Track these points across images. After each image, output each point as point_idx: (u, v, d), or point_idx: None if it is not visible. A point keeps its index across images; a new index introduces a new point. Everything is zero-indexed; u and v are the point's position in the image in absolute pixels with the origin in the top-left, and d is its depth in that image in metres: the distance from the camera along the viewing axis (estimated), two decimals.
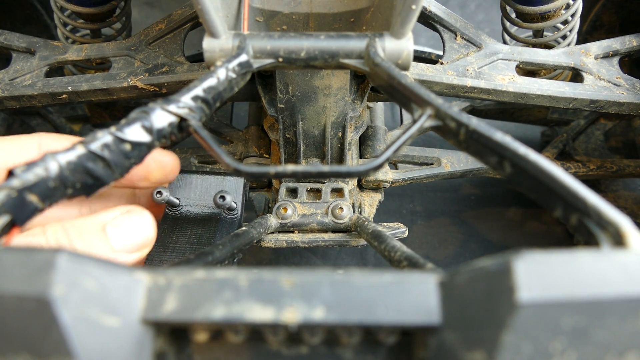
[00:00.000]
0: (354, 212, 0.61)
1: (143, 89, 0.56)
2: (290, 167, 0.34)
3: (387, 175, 0.66)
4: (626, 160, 0.74)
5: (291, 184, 0.62)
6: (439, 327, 0.25)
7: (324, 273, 0.26)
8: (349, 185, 0.63)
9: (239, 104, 0.94)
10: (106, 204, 0.46)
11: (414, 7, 0.39)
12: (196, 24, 0.58)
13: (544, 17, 0.60)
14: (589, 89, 0.57)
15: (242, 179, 0.54)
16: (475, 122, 0.34)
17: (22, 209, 0.29)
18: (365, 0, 0.46)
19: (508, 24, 0.65)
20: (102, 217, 0.37)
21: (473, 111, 0.79)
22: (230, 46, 0.41)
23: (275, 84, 0.52)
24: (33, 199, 0.30)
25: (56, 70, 0.61)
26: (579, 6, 0.60)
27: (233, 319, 0.25)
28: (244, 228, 0.51)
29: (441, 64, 0.57)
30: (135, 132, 0.34)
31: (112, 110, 0.81)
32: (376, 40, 0.41)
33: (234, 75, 0.40)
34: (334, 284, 0.26)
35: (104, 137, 0.33)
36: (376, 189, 0.67)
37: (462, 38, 0.58)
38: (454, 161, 0.69)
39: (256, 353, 0.28)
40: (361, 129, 0.62)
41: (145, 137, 0.34)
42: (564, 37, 0.62)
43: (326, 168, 0.35)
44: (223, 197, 0.49)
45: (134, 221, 0.38)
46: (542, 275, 0.23)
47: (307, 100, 0.53)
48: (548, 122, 0.81)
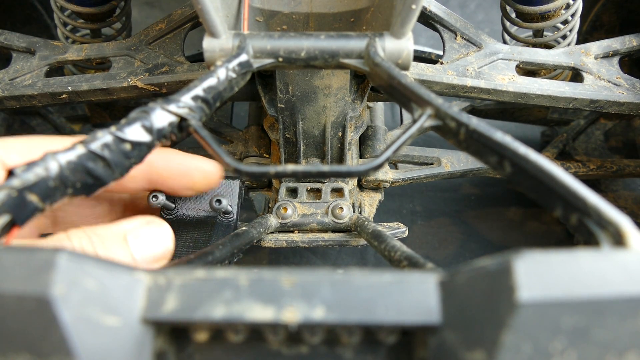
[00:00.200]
0: (354, 212, 0.61)
1: (143, 89, 0.56)
2: (290, 167, 0.34)
3: (387, 175, 0.66)
4: (626, 160, 0.74)
5: (291, 184, 0.62)
6: (439, 326, 0.25)
7: (324, 273, 0.26)
8: (349, 185, 0.63)
9: (239, 104, 0.94)
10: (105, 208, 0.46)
11: (414, 7, 0.39)
12: (196, 23, 0.58)
13: (544, 17, 0.60)
14: (589, 89, 0.57)
15: (238, 182, 0.54)
16: (475, 122, 0.34)
17: (22, 208, 0.29)
18: (365, 0, 0.46)
19: (508, 23, 0.65)
20: (123, 226, 0.37)
21: (473, 111, 0.79)
22: (230, 46, 0.41)
23: (275, 84, 0.52)
24: (33, 198, 0.30)
25: (56, 70, 0.61)
26: (579, 6, 0.60)
27: (233, 319, 0.25)
28: (244, 228, 0.51)
29: (441, 63, 0.57)
30: (135, 132, 0.34)
31: (112, 110, 0.81)
32: (376, 40, 0.41)
33: (234, 75, 0.40)
34: (334, 283, 0.26)
35: (104, 137, 0.33)
36: (376, 188, 0.67)
37: (462, 38, 0.58)
38: (454, 161, 0.69)
39: (256, 353, 0.28)
40: (361, 128, 0.62)
41: (145, 137, 0.34)
42: (564, 37, 0.62)
43: (326, 168, 0.35)
44: (219, 201, 0.49)
45: (155, 232, 0.38)
46: (542, 275, 0.23)
47: (307, 100, 0.53)
48: (548, 122, 0.81)
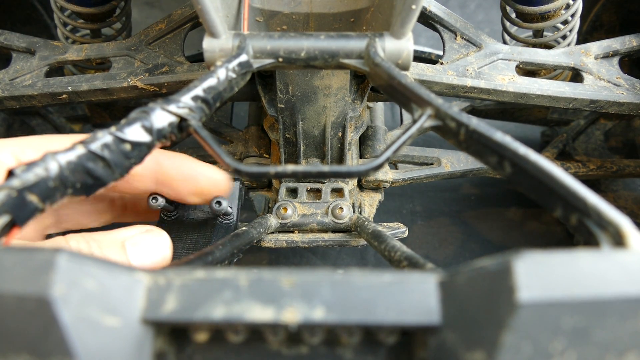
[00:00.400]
0: (354, 212, 0.61)
1: (143, 89, 0.56)
2: (290, 167, 0.34)
3: (387, 175, 0.66)
4: (626, 160, 0.74)
5: (291, 184, 0.62)
6: (439, 327, 0.25)
7: (324, 273, 0.26)
8: (349, 185, 0.63)
9: (239, 104, 0.94)
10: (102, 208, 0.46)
11: (414, 7, 0.39)
12: (196, 24, 0.58)
13: (544, 17, 0.60)
14: (589, 89, 0.57)
15: (238, 183, 0.54)
16: (475, 122, 0.34)
17: (22, 209, 0.29)
18: (365, 0, 0.46)
19: (508, 24, 0.65)
20: (122, 233, 0.38)
21: (473, 111, 0.79)
22: (230, 46, 0.41)
23: (275, 84, 0.52)
24: (33, 199, 0.30)
25: (56, 70, 0.61)
26: (579, 6, 0.60)
27: (233, 319, 0.25)
28: (244, 228, 0.51)
29: (441, 64, 0.57)
30: (135, 132, 0.34)
31: (112, 110, 0.81)
32: (376, 40, 0.41)
33: (234, 75, 0.40)
34: (334, 284, 0.26)
35: (104, 137, 0.33)
36: (376, 189, 0.67)
37: (462, 38, 0.58)
38: (454, 161, 0.69)
39: (256, 353, 0.28)
40: (361, 129, 0.62)
41: (145, 137, 0.34)
42: (564, 37, 0.62)
43: (326, 168, 0.35)
44: (219, 203, 0.49)
45: (153, 241, 0.38)
46: (542, 275, 0.23)
47: (307, 100, 0.53)
48: (548, 122, 0.81)
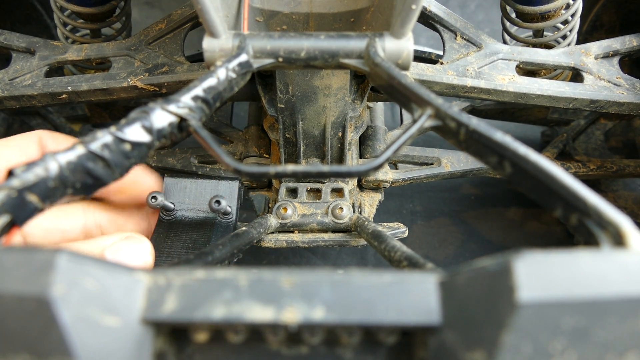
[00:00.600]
0: (354, 212, 0.61)
1: (143, 89, 0.56)
2: (290, 167, 0.34)
3: (387, 175, 0.66)
4: (626, 160, 0.74)
5: (291, 184, 0.62)
6: (439, 327, 0.25)
7: (324, 273, 0.26)
8: (349, 185, 0.63)
9: (239, 104, 0.94)
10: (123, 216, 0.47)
11: (414, 7, 0.39)
12: (196, 24, 0.58)
13: (544, 17, 0.60)
14: (589, 89, 0.57)
15: (237, 182, 0.54)
16: (475, 122, 0.34)
17: (22, 209, 0.29)
18: (365, 0, 0.46)
19: (508, 24, 0.65)
20: (102, 241, 0.38)
21: (473, 111, 0.79)
22: (230, 46, 0.41)
23: (275, 84, 0.52)
24: (33, 199, 0.30)
25: (56, 70, 0.61)
26: (579, 6, 0.60)
27: (233, 319, 0.25)
28: (244, 228, 0.51)
29: (441, 64, 0.57)
30: (135, 132, 0.34)
31: (112, 110, 0.81)
32: (376, 40, 0.41)
33: (234, 75, 0.40)
34: (334, 284, 0.26)
35: (104, 137, 0.33)
36: (376, 189, 0.67)
37: (462, 38, 0.58)
38: (454, 161, 0.69)
39: (256, 353, 0.28)
40: (361, 129, 0.62)
41: (145, 137, 0.34)
42: (564, 37, 0.62)
43: (326, 168, 0.35)
44: (218, 202, 0.49)
45: (132, 248, 0.39)
46: (542, 275, 0.23)
47: (307, 100, 0.53)
48: (548, 122, 0.81)
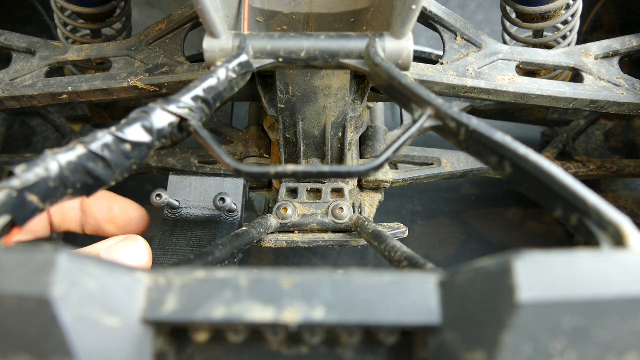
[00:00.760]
0: (354, 212, 0.61)
1: (143, 89, 0.56)
2: (290, 167, 0.34)
3: (387, 175, 0.66)
4: (626, 160, 0.74)
5: (291, 184, 0.62)
6: (439, 327, 0.25)
7: (324, 273, 0.26)
8: (349, 185, 0.63)
9: (239, 104, 0.94)
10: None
11: (414, 7, 0.39)
12: (196, 24, 0.58)
13: (544, 17, 0.60)
14: (589, 89, 0.57)
15: (242, 180, 0.54)
16: (475, 122, 0.34)
17: (22, 209, 0.29)
18: (365, 0, 0.46)
19: (508, 24, 0.65)
20: (98, 245, 0.40)
21: (473, 111, 0.79)
22: (230, 46, 0.41)
23: (275, 84, 0.52)
24: (33, 199, 0.30)
25: (56, 70, 0.61)
26: (579, 6, 0.60)
27: (233, 319, 0.25)
28: (244, 228, 0.51)
29: (441, 64, 0.57)
30: (135, 132, 0.34)
31: (112, 110, 0.81)
32: (376, 40, 0.41)
33: (234, 75, 0.40)
34: (334, 284, 0.26)
35: (104, 137, 0.33)
36: (376, 189, 0.67)
37: (462, 38, 0.58)
38: (454, 161, 0.69)
39: (256, 353, 0.28)
40: (361, 129, 0.62)
41: (145, 137, 0.34)
42: (564, 37, 0.62)
43: (326, 168, 0.35)
44: (223, 199, 0.49)
45: (128, 249, 0.40)
46: (542, 275, 0.23)
47: (307, 100, 0.53)
48: (548, 122, 0.81)
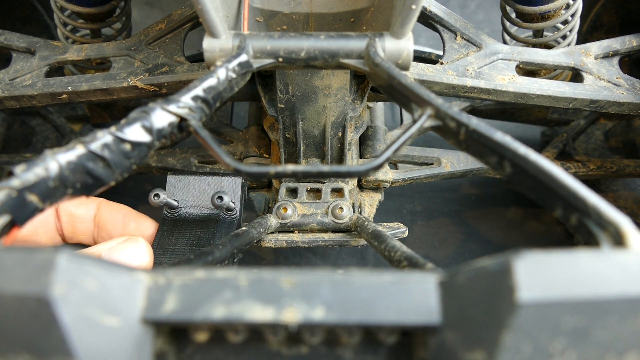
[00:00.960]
0: (354, 212, 0.61)
1: (143, 89, 0.56)
2: (290, 167, 0.34)
3: (387, 175, 0.66)
4: (626, 160, 0.74)
5: (291, 184, 0.62)
6: (439, 327, 0.25)
7: (324, 273, 0.26)
8: (349, 185, 0.63)
9: (239, 104, 0.94)
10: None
11: (414, 7, 0.39)
12: (196, 24, 0.58)
13: (544, 17, 0.60)
14: (589, 89, 0.57)
15: (240, 179, 0.54)
16: (475, 122, 0.34)
17: (22, 209, 0.29)
18: (365, 0, 0.46)
19: (508, 24, 0.65)
20: (100, 247, 0.40)
21: (473, 111, 0.79)
22: (230, 46, 0.41)
23: (275, 84, 0.52)
24: (33, 199, 0.30)
25: (56, 70, 0.61)
26: (579, 6, 0.60)
27: (233, 319, 0.25)
28: (244, 228, 0.51)
29: (441, 64, 0.57)
30: (135, 132, 0.34)
31: (112, 110, 0.81)
32: (376, 40, 0.41)
33: (234, 75, 0.40)
34: (334, 284, 0.26)
35: (104, 137, 0.33)
36: (376, 189, 0.67)
37: (462, 38, 0.58)
38: (454, 161, 0.69)
39: (256, 353, 0.28)
40: (361, 129, 0.62)
41: (145, 137, 0.34)
42: (564, 37, 0.62)
43: (326, 168, 0.35)
44: (221, 198, 0.49)
45: (129, 250, 0.41)
46: (542, 275, 0.23)
47: (307, 100, 0.53)
48: (548, 122, 0.81)
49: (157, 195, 0.47)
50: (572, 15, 0.61)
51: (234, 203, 0.51)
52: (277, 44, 0.41)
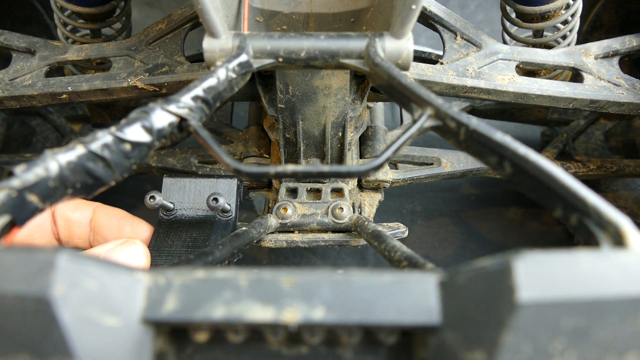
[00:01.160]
0: (354, 212, 0.61)
1: (143, 89, 0.56)
2: (290, 167, 0.34)
3: (387, 175, 0.66)
4: (626, 160, 0.74)
5: (291, 184, 0.62)
6: (439, 327, 0.25)
7: (324, 273, 0.26)
8: (349, 185, 0.63)
9: (239, 104, 0.94)
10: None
11: (414, 7, 0.39)
12: (196, 24, 0.58)
13: (544, 17, 0.60)
14: (589, 89, 0.57)
15: (236, 180, 0.54)
16: (475, 122, 0.34)
17: (22, 209, 0.29)
18: (365, 0, 0.46)
19: (508, 24, 0.65)
20: (97, 249, 0.40)
21: (473, 111, 0.79)
22: (230, 46, 0.41)
23: (275, 84, 0.52)
24: (33, 199, 0.30)
25: (56, 70, 0.61)
26: (579, 6, 0.60)
27: (233, 319, 0.25)
28: (244, 228, 0.51)
29: (441, 64, 0.57)
30: (135, 132, 0.34)
31: (112, 110, 0.81)
32: (376, 40, 0.41)
33: (234, 75, 0.40)
34: (334, 284, 0.26)
35: (104, 137, 0.33)
36: (376, 189, 0.67)
37: (462, 38, 0.58)
38: (454, 161, 0.69)
39: (256, 353, 0.28)
40: (361, 129, 0.62)
41: (145, 137, 0.34)
42: (564, 37, 0.62)
43: (326, 168, 0.35)
44: (216, 199, 0.49)
45: (127, 252, 0.41)
46: (542, 275, 0.23)
47: (307, 100, 0.53)
48: (548, 122, 0.81)
49: (153, 197, 0.47)
50: (572, 15, 0.61)
51: (229, 205, 0.52)
52: (277, 44, 0.41)
